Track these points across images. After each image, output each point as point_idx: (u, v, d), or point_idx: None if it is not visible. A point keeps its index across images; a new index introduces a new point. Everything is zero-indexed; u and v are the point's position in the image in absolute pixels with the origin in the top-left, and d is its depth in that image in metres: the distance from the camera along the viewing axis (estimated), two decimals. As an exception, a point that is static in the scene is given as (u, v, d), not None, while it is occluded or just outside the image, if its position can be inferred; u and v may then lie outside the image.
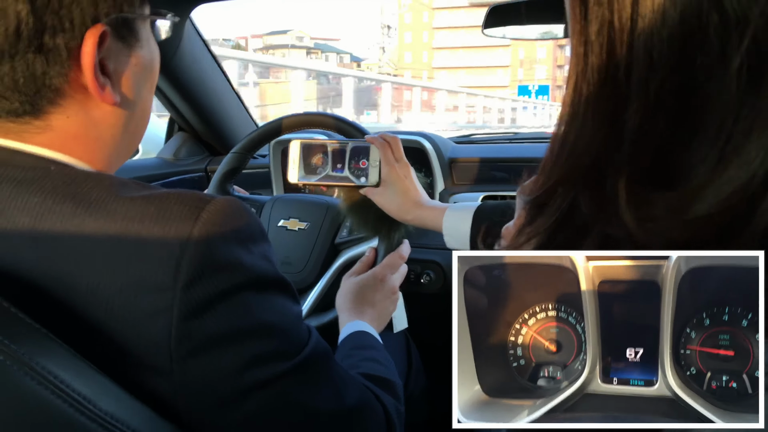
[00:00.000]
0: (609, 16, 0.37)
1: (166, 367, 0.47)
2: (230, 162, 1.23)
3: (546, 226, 0.42)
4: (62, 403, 0.42)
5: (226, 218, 0.50)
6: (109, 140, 0.58)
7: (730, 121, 0.34)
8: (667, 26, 0.35)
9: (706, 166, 0.35)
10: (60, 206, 0.48)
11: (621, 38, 0.37)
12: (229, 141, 1.84)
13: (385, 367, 0.77)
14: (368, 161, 1.00)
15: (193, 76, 1.64)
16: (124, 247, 0.47)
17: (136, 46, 0.58)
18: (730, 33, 0.34)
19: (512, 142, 1.83)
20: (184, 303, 0.47)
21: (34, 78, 0.50)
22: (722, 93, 0.34)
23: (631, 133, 0.37)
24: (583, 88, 0.40)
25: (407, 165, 1.00)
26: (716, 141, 0.35)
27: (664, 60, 0.36)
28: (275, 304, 0.54)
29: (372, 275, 1.00)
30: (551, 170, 0.42)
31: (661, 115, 0.36)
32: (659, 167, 0.37)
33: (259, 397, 0.51)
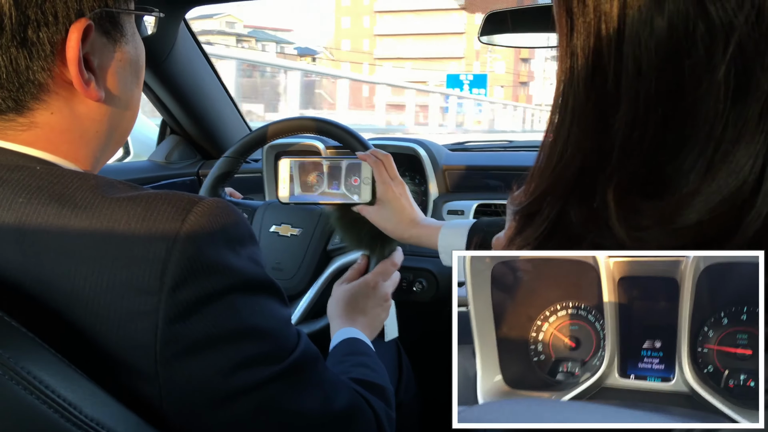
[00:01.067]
0: (596, 27, 0.37)
1: (152, 371, 0.46)
2: (222, 166, 1.22)
3: (535, 236, 0.42)
4: (47, 408, 0.41)
5: (214, 219, 0.49)
6: (94, 137, 0.57)
7: (718, 128, 0.35)
8: (654, 35, 0.35)
9: (695, 175, 0.35)
10: (45, 207, 0.47)
11: (608, 48, 0.37)
12: (221, 144, 1.83)
13: (377, 373, 0.77)
14: (360, 178, 1.00)
15: (186, 79, 1.63)
16: (110, 248, 0.46)
17: (121, 41, 0.57)
18: (716, 40, 0.34)
19: (507, 150, 1.83)
20: (170, 306, 0.46)
21: (17, 73, 0.50)
22: (710, 100, 0.35)
23: (620, 142, 0.37)
24: (569, 98, 0.40)
25: (402, 183, 1.00)
26: (705, 149, 0.35)
27: (653, 69, 0.36)
28: (263, 307, 0.53)
29: (364, 282, 1.00)
30: (540, 179, 0.42)
31: (650, 124, 0.37)
32: (648, 176, 0.37)
33: (247, 401, 0.50)
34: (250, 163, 1.77)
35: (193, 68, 1.64)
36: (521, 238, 0.43)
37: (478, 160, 1.59)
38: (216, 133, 1.83)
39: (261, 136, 1.20)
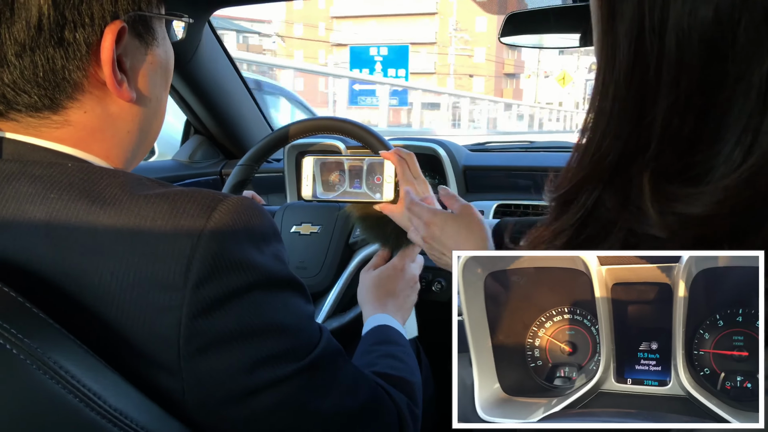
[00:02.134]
0: (639, 16, 0.37)
1: (175, 365, 0.47)
2: (238, 175, 1.23)
3: (571, 223, 0.42)
4: (73, 398, 0.42)
5: (239, 217, 0.50)
6: (126, 137, 0.59)
7: (756, 121, 0.34)
8: (699, 25, 0.35)
9: (728, 166, 0.35)
10: (75, 203, 0.48)
11: (651, 38, 0.37)
12: (244, 144, 1.85)
13: (405, 364, 0.77)
14: (383, 177, 1.00)
15: (210, 79, 1.65)
16: (137, 244, 0.47)
17: (152, 44, 0.59)
18: (760, 32, 0.34)
19: (527, 150, 1.83)
20: (194, 301, 0.47)
21: (53, 72, 0.51)
22: (752, 93, 0.34)
23: (659, 131, 0.37)
24: (610, 88, 0.40)
25: (425, 182, 1.00)
26: (740, 142, 0.35)
27: (696, 59, 0.36)
28: (286, 303, 0.54)
29: (392, 266, 1.00)
30: (578, 167, 0.42)
31: (689, 114, 0.36)
32: (684, 165, 0.37)
33: (268, 397, 0.51)
34: (271, 163, 1.78)
35: (216, 69, 1.66)
36: (557, 224, 0.43)
37: (498, 161, 1.59)
38: (239, 133, 1.84)
39: (278, 138, 1.21)
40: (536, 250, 0.44)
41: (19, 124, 0.53)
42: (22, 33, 0.49)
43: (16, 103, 0.52)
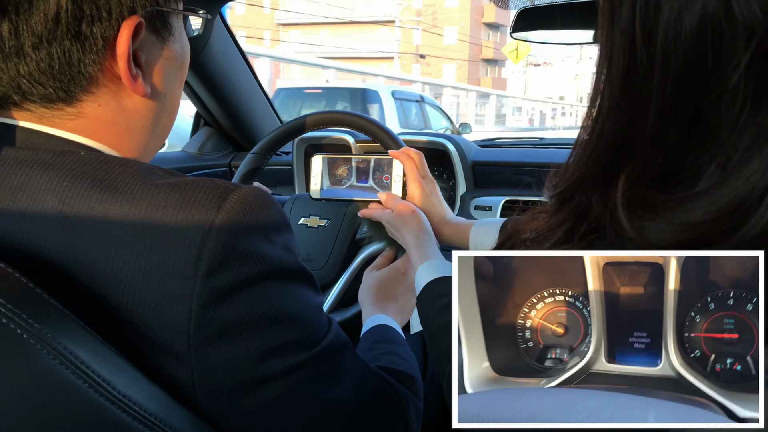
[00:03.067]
0: (632, 22, 0.38)
1: (185, 353, 0.48)
2: (250, 163, 1.24)
3: (566, 220, 0.43)
4: (83, 383, 0.42)
5: (249, 207, 0.50)
6: (139, 131, 0.59)
7: (734, 134, 0.35)
8: (683, 33, 0.36)
9: (708, 176, 0.36)
10: (88, 191, 0.48)
11: (641, 45, 0.38)
12: (253, 137, 1.86)
13: (406, 362, 0.77)
14: (391, 176, 1.01)
15: (221, 71, 1.65)
16: (148, 233, 0.47)
17: (169, 39, 0.59)
18: (738, 43, 0.35)
19: (536, 147, 1.82)
20: (205, 290, 0.47)
21: (69, 65, 0.51)
22: (728, 105, 0.35)
23: (649, 136, 0.38)
24: (606, 91, 0.41)
25: (433, 181, 1.00)
26: (720, 152, 0.36)
27: (680, 67, 0.36)
28: (296, 294, 0.54)
29: (394, 269, 1.01)
30: (575, 167, 0.43)
31: (674, 122, 0.37)
32: (664, 171, 0.38)
33: (277, 386, 0.51)
34: (280, 156, 1.79)
35: (226, 61, 1.66)
36: (553, 221, 0.44)
37: (507, 157, 1.59)
38: (248, 125, 1.85)
39: (290, 129, 1.22)
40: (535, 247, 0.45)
41: (33, 114, 0.53)
42: (39, 25, 0.49)
43: (31, 94, 0.52)
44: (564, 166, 0.44)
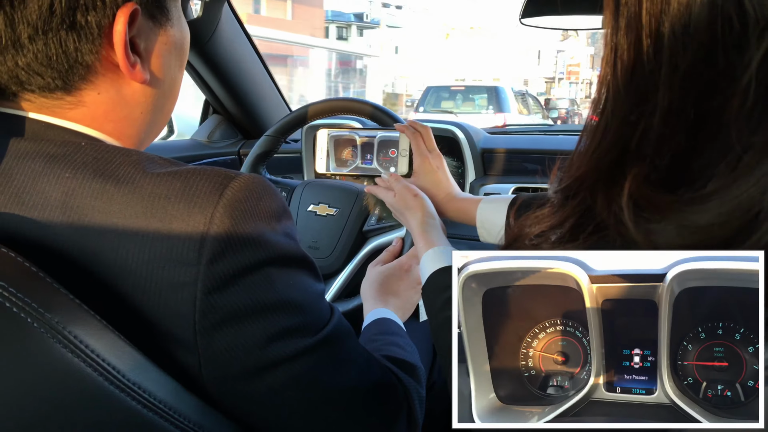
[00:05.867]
0: (638, 16, 0.37)
1: (191, 340, 0.48)
2: (263, 145, 1.24)
3: (570, 216, 0.43)
4: (92, 371, 0.43)
5: (251, 195, 0.50)
6: (139, 117, 0.59)
7: (745, 133, 0.34)
8: (691, 29, 0.35)
9: (717, 177, 0.35)
10: (90, 181, 0.49)
11: (648, 38, 0.37)
12: (262, 125, 1.86)
13: (408, 353, 0.78)
14: (397, 150, 1.00)
15: (229, 59, 1.65)
16: (151, 221, 0.48)
17: (166, 24, 0.58)
18: (749, 39, 0.33)
19: (546, 133, 1.81)
20: (208, 277, 0.47)
21: (66, 55, 0.51)
22: (742, 105, 0.34)
23: (655, 135, 0.37)
24: (611, 86, 0.40)
25: (440, 156, 0.98)
26: (730, 152, 0.34)
27: (688, 64, 0.35)
28: (298, 280, 0.54)
29: (398, 265, 1.00)
30: (579, 163, 0.43)
31: (682, 120, 0.36)
32: (672, 171, 0.37)
33: (281, 373, 0.52)
34: (289, 143, 1.79)
35: (235, 49, 1.66)
36: (556, 217, 0.44)
37: (516, 144, 1.58)
38: (257, 113, 1.85)
39: (302, 116, 1.22)
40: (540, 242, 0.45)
41: (33, 105, 0.54)
42: (34, 16, 0.49)
43: (29, 84, 0.52)
44: (568, 162, 0.44)
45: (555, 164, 0.50)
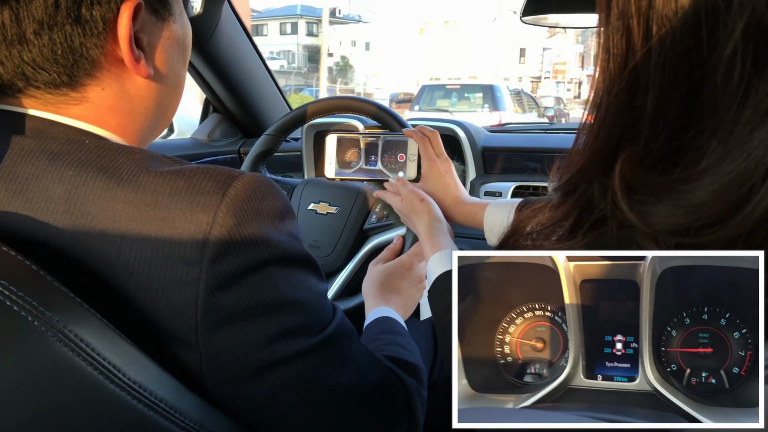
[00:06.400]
0: (626, 5, 0.38)
1: (193, 339, 0.48)
2: (263, 144, 1.24)
3: (570, 212, 0.43)
4: (93, 370, 0.43)
5: (254, 194, 0.50)
6: (142, 113, 0.59)
7: (733, 109, 0.35)
8: (679, 12, 0.36)
9: (709, 154, 0.35)
10: (93, 179, 0.49)
11: (638, 26, 0.38)
12: (262, 123, 1.85)
13: (410, 352, 0.77)
14: (406, 155, 1.00)
15: (230, 58, 1.65)
16: (154, 220, 0.47)
17: (169, 20, 0.59)
18: (733, 16, 0.34)
19: (546, 132, 1.81)
20: (211, 276, 0.47)
21: (71, 49, 0.51)
22: (728, 78, 0.35)
23: (648, 121, 0.38)
24: (606, 77, 0.41)
25: (448, 160, 0.99)
26: (720, 129, 0.35)
27: (678, 47, 0.36)
28: (300, 280, 0.54)
29: (399, 263, 1.00)
30: (578, 157, 0.43)
31: (673, 103, 0.37)
32: (665, 153, 0.38)
33: (283, 372, 0.52)
34: (290, 142, 1.79)
35: (235, 47, 1.66)
36: (557, 213, 0.44)
37: (516, 142, 1.58)
38: (257, 112, 1.85)
39: (302, 114, 1.22)
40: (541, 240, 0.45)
41: (38, 101, 0.54)
42: (39, 11, 0.49)
43: (35, 80, 0.52)
44: (567, 158, 0.44)
45: (555, 162, 0.50)
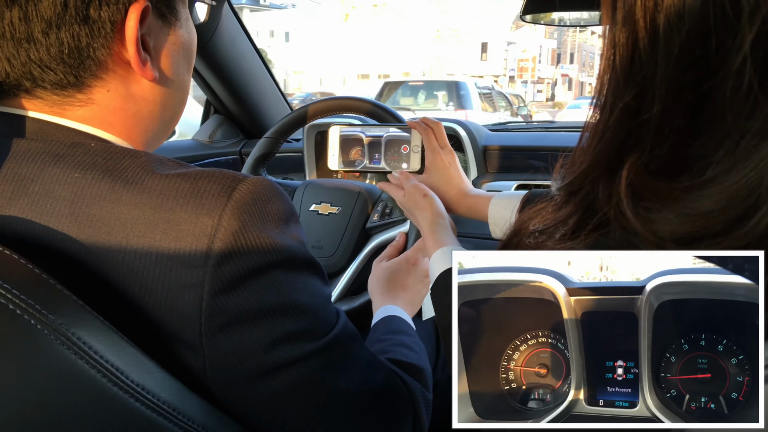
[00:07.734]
0: (632, 6, 0.38)
1: (197, 342, 0.48)
2: (263, 147, 1.24)
3: (574, 212, 0.43)
4: (96, 373, 0.43)
5: (259, 197, 0.50)
6: (147, 116, 0.59)
7: (742, 118, 0.34)
8: (686, 17, 0.35)
9: (717, 163, 0.35)
10: (99, 182, 0.49)
11: (644, 30, 0.37)
12: (263, 124, 1.86)
13: (416, 353, 0.77)
14: (409, 147, 1.00)
15: (230, 59, 1.65)
16: (159, 223, 0.47)
17: (175, 24, 0.59)
18: (741, 23, 0.34)
19: (548, 130, 1.81)
20: (215, 279, 0.47)
21: (78, 49, 0.52)
22: (736, 88, 0.34)
23: (654, 125, 0.37)
24: (612, 80, 0.40)
25: (452, 152, 0.98)
26: (728, 138, 0.35)
27: (683, 49, 0.36)
28: (305, 284, 0.54)
29: (404, 259, 1.00)
30: (582, 158, 0.43)
31: (680, 108, 0.37)
32: (671, 160, 0.37)
33: (286, 376, 0.51)
34: (291, 143, 1.79)
35: (236, 49, 1.66)
36: (560, 214, 0.44)
37: (518, 141, 1.57)
38: (258, 113, 1.85)
39: (301, 116, 1.22)
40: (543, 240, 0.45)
41: (44, 102, 0.54)
42: (48, 10, 0.49)
43: (42, 80, 0.53)
44: (571, 158, 0.44)
45: (558, 161, 0.50)
